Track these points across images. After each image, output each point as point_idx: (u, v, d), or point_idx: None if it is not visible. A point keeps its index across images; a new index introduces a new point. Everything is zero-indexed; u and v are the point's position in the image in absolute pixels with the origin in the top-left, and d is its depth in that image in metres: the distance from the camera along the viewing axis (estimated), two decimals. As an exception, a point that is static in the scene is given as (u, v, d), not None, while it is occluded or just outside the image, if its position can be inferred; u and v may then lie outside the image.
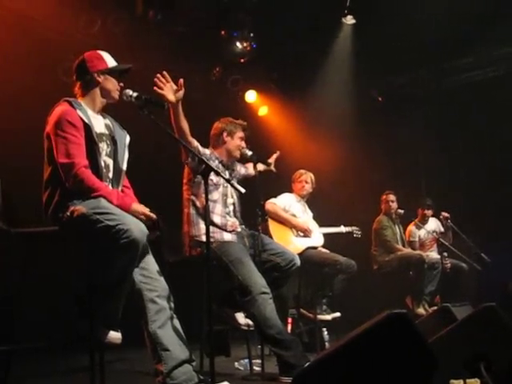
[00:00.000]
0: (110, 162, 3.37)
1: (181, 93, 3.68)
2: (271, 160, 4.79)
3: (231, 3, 6.75)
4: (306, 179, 6.03)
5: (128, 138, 3.52)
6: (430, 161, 8.50)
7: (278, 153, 4.90)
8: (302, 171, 6.10)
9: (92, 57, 3.37)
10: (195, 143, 4.12)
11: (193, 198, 4.19)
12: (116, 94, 3.38)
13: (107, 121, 3.45)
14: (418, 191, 8.12)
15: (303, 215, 5.92)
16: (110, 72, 3.36)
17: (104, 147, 3.33)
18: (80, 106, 3.26)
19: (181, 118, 3.85)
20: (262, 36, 7.18)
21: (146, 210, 3.18)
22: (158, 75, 3.63)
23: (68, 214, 3.07)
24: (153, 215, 3.19)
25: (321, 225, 6.06)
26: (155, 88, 3.62)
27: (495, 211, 7.64)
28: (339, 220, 6.44)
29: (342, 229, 6.37)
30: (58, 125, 3.15)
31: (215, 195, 4.19)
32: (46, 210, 3.19)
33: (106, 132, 3.39)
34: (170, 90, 3.64)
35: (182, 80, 3.65)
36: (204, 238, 3.90)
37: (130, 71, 3.47)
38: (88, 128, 3.20)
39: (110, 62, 3.39)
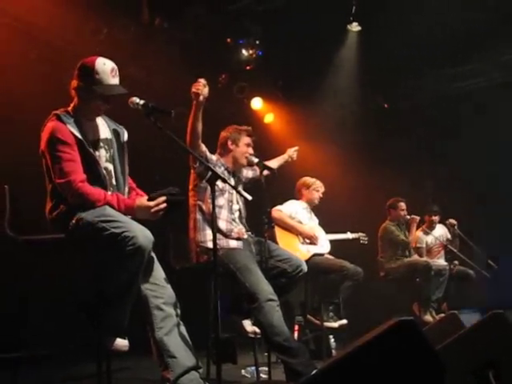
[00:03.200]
0: (111, 167, 3.36)
1: (206, 90, 3.80)
2: (290, 151, 4.91)
3: (237, 11, 6.76)
4: (320, 187, 6.03)
5: (126, 135, 3.48)
6: (436, 167, 8.49)
7: (297, 148, 4.99)
8: (313, 179, 6.08)
9: (87, 65, 3.25)
10: (203, 148, 4.14)
11: (199, 203, 4.20)
12: (101, 111, 3.32)
13: (102, 122, 3.41)
14: (424, 198, 8.09)
15: (309, 222, 5.91)
16: (99, 88, 3.23)
17: (103, 153, 3.31)
18: (70, 120, 3.20)
19: (200, 118, 3.93)
20: (268, 43, 7.20)
21: (150, 204, 3.15)
22: (202, 80, 3.80)
23: (74, 222, 3.08)
24: (159, 202, 3.15)
25: (327, 231, 6.04)
26: (192, 87, 3.79)
27: (503, 218, 7.61)
28: (345, 227, 6.43)
29: (349, 235, 6.36)
30: (50, 144, 3.13)
31: (221, 201, 4.19)
32: (50, 219, 3.19)
33: (103, 136, 3.35)
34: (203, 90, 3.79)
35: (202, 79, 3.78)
36: (210, 245, 3.91)
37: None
38: (80, 141, 3.16)
39: (105, 79, 3.23)
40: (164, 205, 3.16)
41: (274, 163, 4.86)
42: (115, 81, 3.29)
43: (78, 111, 3.28)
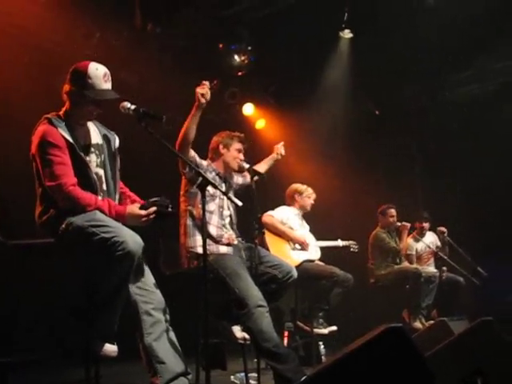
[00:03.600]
0: (102, 172, 3.35)
1: (209, 93, 3.82)
2: (277, 149, 4.94)
3: (230, 17, 6.78)
4: (311, 194, 6.04)
5: (117, 141, 3.48)
6: (427, 174, 8.53)
7: (282, 143, 4.99)
8: (304, 186, 6.09)
9: (78, 70, 3.26)
10: (192, 153, 4.14)
11: (190, 208, 4.19)
12: (92, 116, 3.32)
13: (94, 128, 3.40)
14: (414, 205, 8.12)
15: (300, 228, 5.91)
16: (90, 93, 3.22)
17: (93, 159, 3.31)
18: (61, 124, 3.19)
19: (197, 122, 3.93)
20: (260, 49, 7.21)
21: (141, 212, 3.16)
22: (205, 82, 3.81)
23: (63, 226, 3.07)
24: (150, 212, 3.17)
25: (318, 238, 6.05)
26: (197, 88, 3.79)
27: (493, 224, 7.65)
28: (336, 234, 6.44)
29: (339, 243, 6.36)
30: (41, 147, 3.12)
31: (211, 206, 4.19)
32: (39, 223, 3.18)
33: (94, 142, 3.35)
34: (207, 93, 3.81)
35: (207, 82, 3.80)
36: (200, 250, 3.91)
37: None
38: (71, 145, 3.16)
39: (97, 84, 3.23)
40: (154, 215, 3.16)
41: (264, 165, 4.87)
42: (107, 86, 3.29)
43: (69, 116, 3.27)
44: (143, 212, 3.16)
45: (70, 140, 3.16)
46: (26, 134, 3.28)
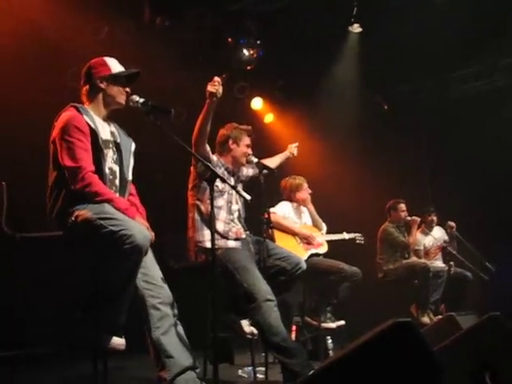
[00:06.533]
0: (117, 168, 3.37)
1: (221, 89, 3.79)
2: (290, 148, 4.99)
3: (238, 11, 6.76)
4: (307, 186, 6.03)
5: (133, 146, 3.53)
6: (435, 169, 8.51)
7: (297, 144, 5.05)
8: (297, 179, 6.03)
9: (96, 63, 3.39)
10: (208, 148, 4.14)
11: (198, 203, 4.19)
12: (121, 99, 3.38)
13: (113, 128, 3.45)
14: (423, 199, 8.10)
15: (303, 219, 5.92)
16: (113, 78, 3.36)
17: (110, 154, 3.33)
18: (87, 112, 3.27)
19: (210, 118, 3.92)
20: (269, 44, 7.20)
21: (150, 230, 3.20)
22: (217, 78, 3.78)
23: (72, 219, 3.08)
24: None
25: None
26: (208, 86, 3.76)
27: (502, 219, 7.62)
28: (343, 227, 6.41)
29: (345, 235, 6.32)
30: (65, 130, 3.16)
31: (220, 202, 4.19)
32: (50, 215, 3.20)
33: (112, 139, 3.39)
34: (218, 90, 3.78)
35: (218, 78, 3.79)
36: (208, 245, 3.92)
37: (139, 76, 3.47)
38: (94, 134, 3.22)
39: (115, 67, 3.39)
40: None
41: (275, 160, 4.87)
42: (116, 68, 3.41)
43: (92, 109, 3.33)
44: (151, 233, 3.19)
45: (94, 127, 3.22)
46: (35, 128, 3.31)
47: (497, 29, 6.84)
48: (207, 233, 4.07)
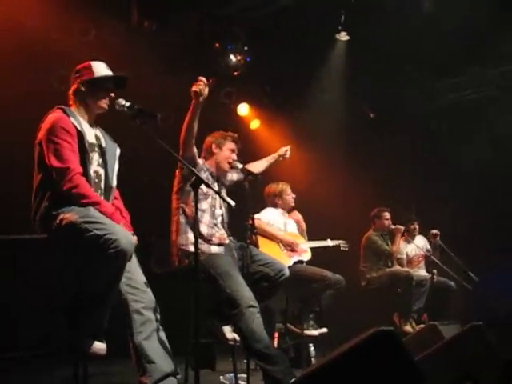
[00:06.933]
0: (102, 172, 3.36)
1: (207, 90, 3.80)
2: (282, 151, 4.96)
3: (226, 16, 6.77)
4: (288, 190, 6.03)
5: (118, 151, 3.52)
6: (419, 177, 8.57)
7: (289, 147, 5.02)
8: (279, 185, 6.06)
9: (82, 67, 3.40)
10: (195, 150, 4.14)
11: (182, 205, 4.18)
12: (103, 104, 3.38)
13: (98, 132, 3.45)
14: (406, 208, 8.13)
15: (288, 227, 5.92)
16: (96, 82, 3.36)
17: (95, 157, 3.33)
18: (73, 114, 3.27)
19: (197, 118, 3.92)
20: (256, 50, 7.21)
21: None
22: (202, 78, 3.78)
23: (57, 222, 3.06)
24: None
25: (308, 239, 6.04)
26: (193, 86, 3.77)
27: (487, 228, 7.68)
28: (327, 234, 6.42)
29: (329, 242, 6.33)
30: (52, 131, 3.15)
31: (204, 205, 4.18)
32: (34, 218, 3.17)
33: (97, 143, 3.38)
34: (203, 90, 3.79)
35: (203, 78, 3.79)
36: (191, 248, 3.92)
37: (127, 81, 3.46)
38: (81, 136, 3.21)
39: (100, 71, 3.38)
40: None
41: (262, 164, 4.86)
42: (110, 72, 3.42)
43: (77, 113, 3.33)
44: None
45: (80, 130, 3.21)
46: (22, 130, 3.29)
47: (483, 39, 6.90)
48: (191, 236, 4.06)
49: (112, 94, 3.38)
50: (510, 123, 7.57)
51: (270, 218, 5.85)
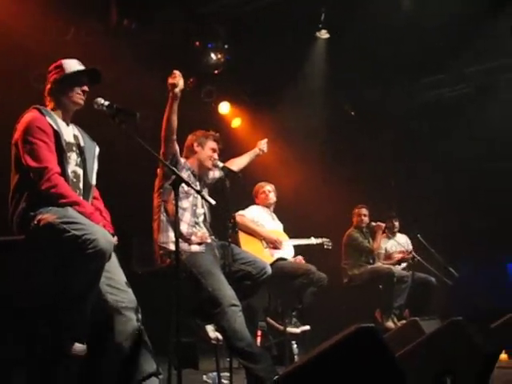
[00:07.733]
0: (81, 172, 3.33)
1: (182, 82, 3.87)
2: (259, 145, 4.94)
3: (206, 14, 6.76)
4: (268, 189, 6.05)
5: (97, 150, 3.49)
6: (400, 175, 8.62)
7: (266, 140, 4.99)
8: (263, 183, 6.11)
9: (53, 66, 3.37)
10: (176, 147, 4.15)
11: (163, 204, 4.17)
12: (78, 99, 3.33)
13: (76, 131, 3.42)
14: (388, 205, 8.18)
15: (272, 225, 5.92)
16: (67, 78, 3.31)
17: (73, 157, 3.30)
18: (49, 114, 3.24)
19: (175, 111, 3.95)
20: (237, 48, 7.20)
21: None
22: (176, 71, 3.84)
23: (35, 222, 3.03)
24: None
25: (291, 236, 6.05)
26: (169, 79, 3.82)
27: (470, 226, 7.75)
28: (309, 232, 6.44)
29: (313, 240, 6.35)
30: (28, 131, 3.12)
31: (185, 203, 4.17)
32: (11, 219, 3.14)
33: (75, 142, 3.36)
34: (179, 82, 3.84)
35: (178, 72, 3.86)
36: (172, 246, 3.92)
37: (101, 75, 3.43)
38: (57, 135, 3.18)
39: (71, 68, 3.34)
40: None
41: (243, 159, 4.85)
42: (73, 68, 3.36)
43: (53, 112, 3.30)
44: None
45: (57, 129, 3.18)
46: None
47: (464, 38, 6.95)
48: (171, 234, 4.06)
49: (86, 88, 3.34)
50: (488, 120, 7.64)
51: (255, 215, 5.85)
